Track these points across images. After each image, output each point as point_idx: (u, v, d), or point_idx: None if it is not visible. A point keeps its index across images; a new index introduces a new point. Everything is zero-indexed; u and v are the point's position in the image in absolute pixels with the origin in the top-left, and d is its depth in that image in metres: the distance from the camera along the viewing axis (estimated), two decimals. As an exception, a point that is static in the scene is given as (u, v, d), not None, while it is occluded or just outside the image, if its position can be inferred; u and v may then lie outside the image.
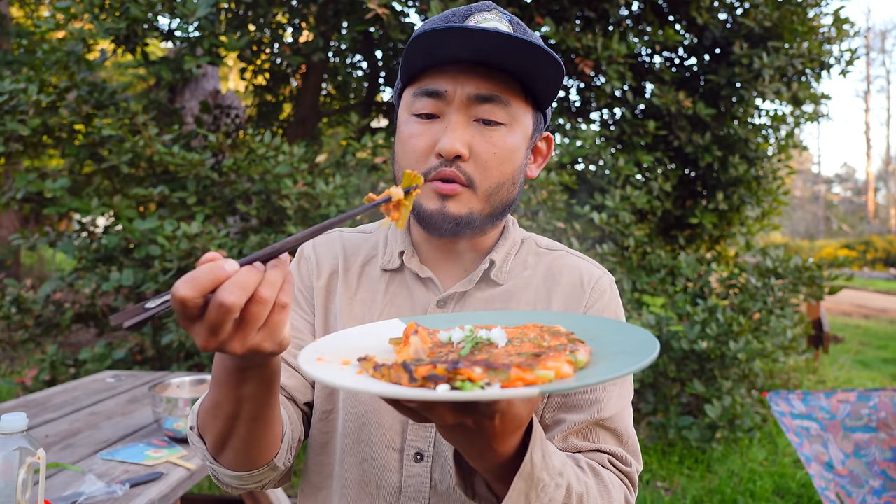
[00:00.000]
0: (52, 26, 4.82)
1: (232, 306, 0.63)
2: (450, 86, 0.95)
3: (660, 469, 4.29)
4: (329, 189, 4.02)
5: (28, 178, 4.36)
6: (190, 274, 0.63)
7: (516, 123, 0.98)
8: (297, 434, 1.01)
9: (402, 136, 1.00)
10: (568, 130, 5.26)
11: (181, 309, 0.63)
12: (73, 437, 2.22)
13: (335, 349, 0.76)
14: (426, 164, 0.97)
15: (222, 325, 0.64)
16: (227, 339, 0.66)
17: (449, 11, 1.00)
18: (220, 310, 0.63)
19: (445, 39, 0.90)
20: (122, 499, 1.71)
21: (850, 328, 11.05)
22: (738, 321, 4.47)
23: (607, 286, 1.07)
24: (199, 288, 0.62)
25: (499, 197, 1.00)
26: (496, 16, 0.97)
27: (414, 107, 0.98)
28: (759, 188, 5.89)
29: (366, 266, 1.10)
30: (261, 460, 0.91)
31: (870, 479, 2.72)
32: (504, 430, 0.71)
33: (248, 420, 0.84)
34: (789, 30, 5.34)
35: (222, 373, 0.80)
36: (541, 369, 0.63)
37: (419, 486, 0.97)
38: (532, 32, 1.01)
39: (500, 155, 0.97)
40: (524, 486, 0.76)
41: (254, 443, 0.88)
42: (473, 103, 0.95)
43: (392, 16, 4.60)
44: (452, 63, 0.95)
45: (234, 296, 0.63)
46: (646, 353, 0.65)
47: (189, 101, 7.57)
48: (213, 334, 0.65)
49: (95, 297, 4.63)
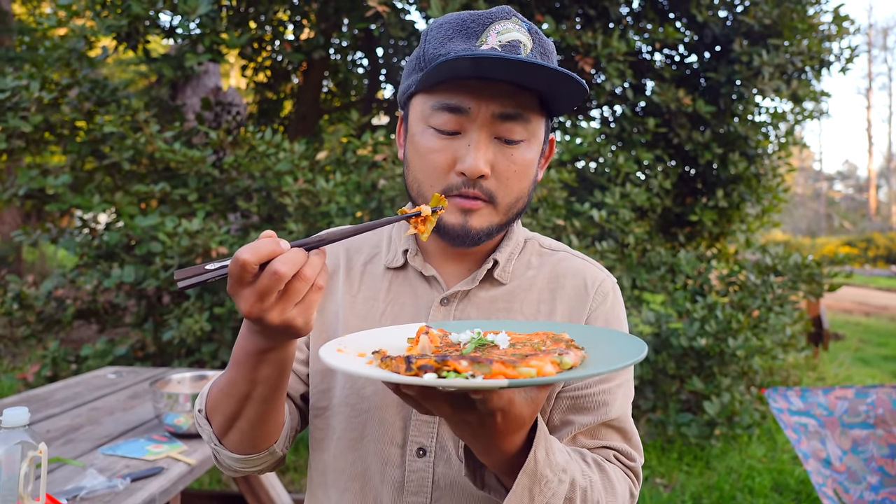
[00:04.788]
0: (55, 23, 4.83)
1: (283, 275, 0.73)
2: (473, 103, 0.94)
3: (659, 466, 4.31)
4: (329, 186, 4.03)
5: (30, 174, 4.37)
6: (252, 244, 0.73)
7: (534, 138, 1.00)
8: (294, 424, 1.07)
9: (419, 148, 0.99)
10: (568, 128, 5.27)
11: (239, 272, 0.73)
12: (75, 432, 2.23)
13: (357, 343, 0.85)
14: (447, 180, 0.97)
15: (270, 292, 0.74)
16: (269, 308, 0.75)
17: (467, 15, 0.97)
18: (272, 277, 0.73)
19: (478, 63, 0.90)
20: (123, 493, 1.72)
21: (850, 325, 11.06)
22: (737, 318, 4.48)
23: (610, 289, 1.09)
24: (258, 255, 0.72)
25: (516, 208, 1.03)
26: (516, 24, 0.96)
27: (433, 119, 0.97)
28: (758, 185, 5.89)
29: (368, 264, 1.12)
30: (262, 444, 0.98)
31: (867, 476, 2.73)
32: (507, 428, 0.76)
33: (259, 402, 0.91)
34: (789, 27, 5.34)
35: (242, 354, 0.87)
36: (523, 367, 0.68)
37: (421, 480, 0.99)
38: (546, 40, 1.00)
39: (519, 172, 0.99)
40: (528, 482, 0.80)
41: (260, 425, 0.94)
42: (497, 121, 0.95)
43: (392, 13, 4.60)
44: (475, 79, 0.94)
45: (286, 267, 0.73)
46: (622, 360, 0.72)
47: (190, 98, 7.58)
48: (260, 300, 0.74)
49: (97, 293, 4.65)
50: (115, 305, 4.80)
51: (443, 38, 0.96)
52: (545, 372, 0.69)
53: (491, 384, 0.65)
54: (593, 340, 0.84)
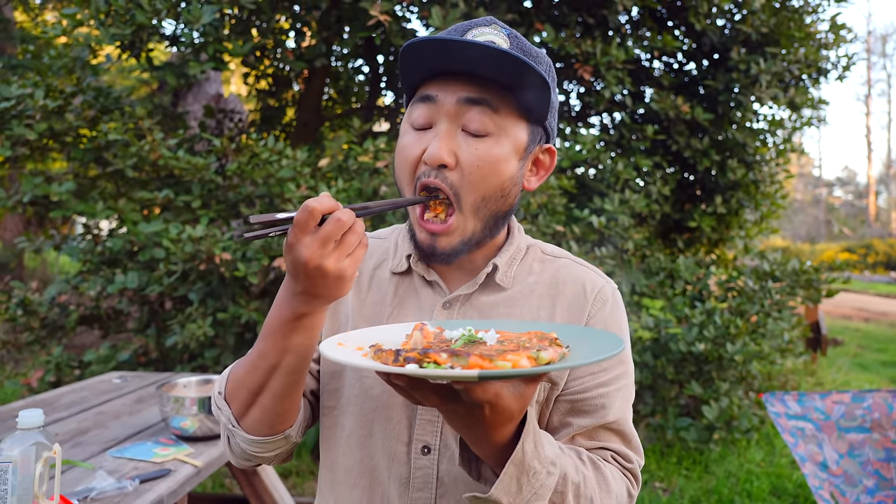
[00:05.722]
0: (59, 32, 4.87)
1: (345, 223, 0.82)
2: (440, 90, 0.99)
3: (658, 470, 4.34)
4: (331, 193, 4.07)
5: (35, 181, 4.40)
6: (315, 198, 0.82)
7: (504, 135, 1.00)
8: (307, 415, 1.10)
9: (399, 146, 1.05)
10: (567, 135, 5.31)
11: (306, 218, 0.81)
12: (82, 435, 2.27)
13: (357, 339, 0.90)
14: (416, 172, 1.02)
15: (331, 239, 0.82)
16: (327, 255, 0.83)
17: (451, 27, 1.03)
18: (336, 224, 0.82)
19: (433, 51, 0.96)
20: (132, 494, 1.76)
21: (849, 331, 11.08)
22: (735, 323, 4.52)
23: (609, 295, 1.10)
24: (324, 206, 0.81)
25: (487, 210, 1.02)
26: (495, 30, 1.00)
27: (411, 117, 1.03)
28: (757, 192, 5.94)
29: (377, 270, 1.15)
30: (280, 426, 1.01)
31: (863, 479, 2.76)
32: (495, 420, 0.80)
33: (286, 373, 0.95)
34: (786, 36, 5.39)
35: (277, 322, 0.92)
36: (500, 360, 0.73)
37: (426, 477, 1.03)
38: (530, 46, 1.03)
39: (484, 167, 0.99)
40: (515, 472, 0.84)
41: (283, 399, 0.98)
42: (462, 108, 0.98)
43: (394, 22, 4.65)
44: (445, 73, 1.00)
45: (346, 216, 0.82)
46: (592, 356, 0.77)
47: (192, 105, 7.64)
48: (322, 245, 0.82)
49: (100, 299, 4.68)
50: (118, 311, 4.83)
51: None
52: (520, 366, 0.74)
53: (462, 374, 0.70)
54: (579, 340, 0.87)
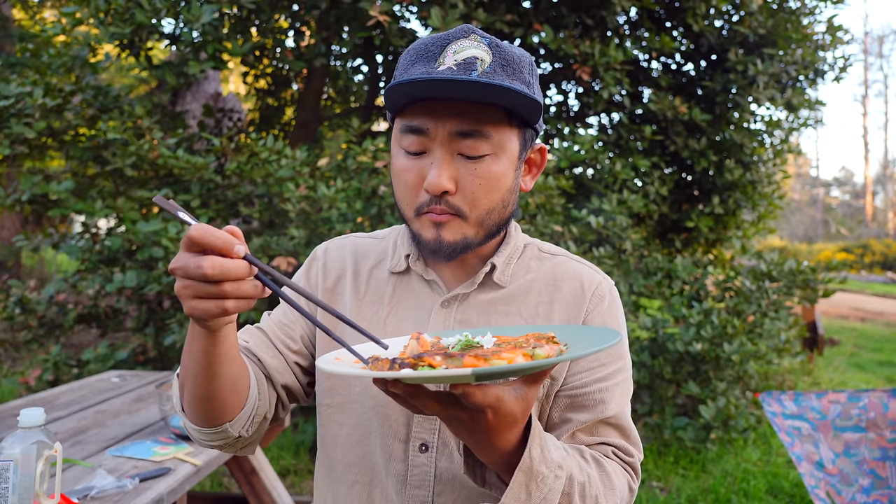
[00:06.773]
0: (58, 31, 4.87)
1: (209, 277, 0.73)
2: (431, 123, 0.97)
3: (655, 469, 4.35)
4: (330, 193, 4.08)
5: (33, 180, 4.40)
6: (215, 230, 0.74)
7: (501, 151, 1.00)
8: (262, 410, 1.04)
9: (395, 169, 1.04)
10: (566, 135, 5.33)
11: (188, 244, 0.73)
12: (82, 434, 2.27)
13: (358, 350, 0.88)
14: (418, 198, 1.01)
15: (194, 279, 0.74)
16: (186, 297, 0.76)
17: (429, 39, 1.00)
18: (197, 270, 0.73)
19: (413, 88, 0.93)
20: (132, 493, 1.77)
21: (846, 331, 11.11)
22: (732, 323, 4.53)
23: (607, 291, 1.11)
24: (206, 242, 0.73)
25: (491, 220, 1.04)
26: (474, 41, 0.98)
27: (402, 141, 1.01)
28: (754, 192, 5.96)
29: (374, 269, 1.16)
30: (214, 420, 0.96)
31: (859, 478, 2.77)
32: (499, 425, 0.79)
33: (192, 377, 0.91)
34: (783, 37, 5.42)
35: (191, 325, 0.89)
36: (495, 360, 0.71)
37: (424, 475, 1.03)
38: (511, 53, 0.99)
39: (485, 185, 0.99)
40: (524, 478, 0.84)
41: (201, 401, 0.93)
42: (456, 139, 0.97)
43: (393, 22, 4.66)
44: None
45: (213, 271, 0.72)
46: (589, 348, 0.75)
47: (191, 104, 7.63)
48: (183, 287, 0.76)
49: (98, 298, 4.68)
50: (116, 310, 4.83)
51: (406, 64, 0.99)
52: (516, 363, 0.71)
53: (457, 373, 0.68)
54: (576, 338, 0.86)
